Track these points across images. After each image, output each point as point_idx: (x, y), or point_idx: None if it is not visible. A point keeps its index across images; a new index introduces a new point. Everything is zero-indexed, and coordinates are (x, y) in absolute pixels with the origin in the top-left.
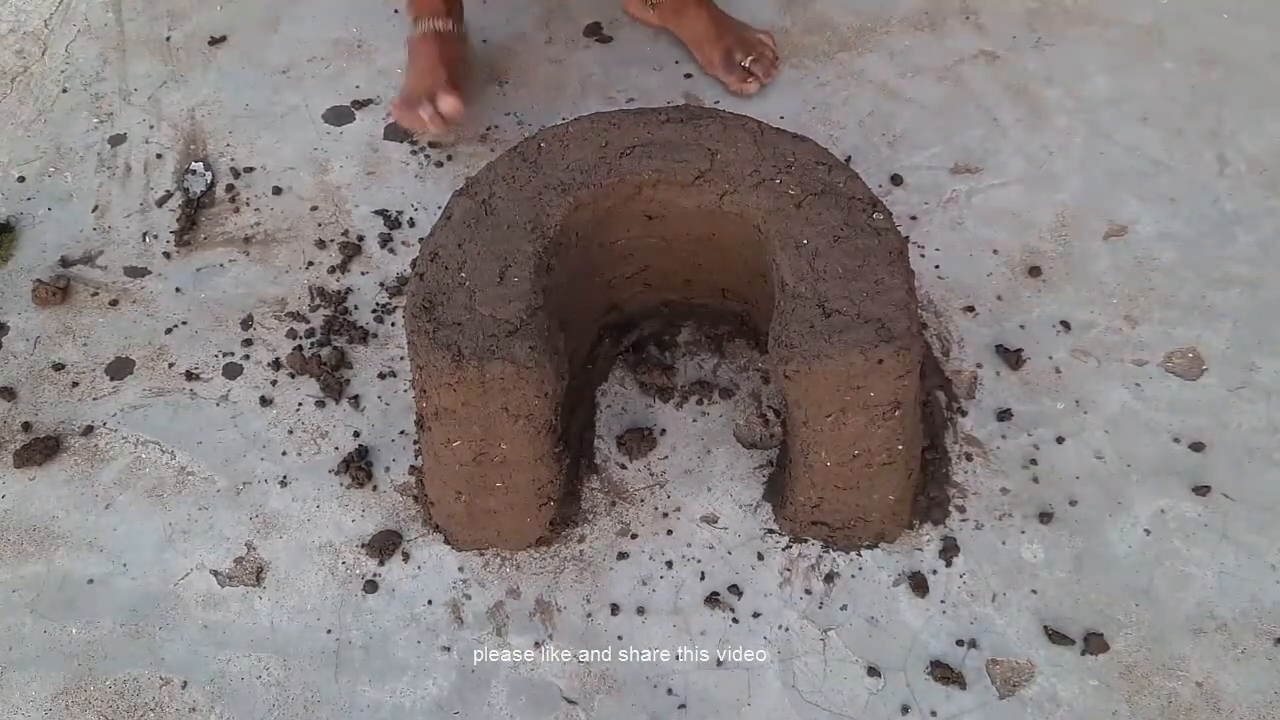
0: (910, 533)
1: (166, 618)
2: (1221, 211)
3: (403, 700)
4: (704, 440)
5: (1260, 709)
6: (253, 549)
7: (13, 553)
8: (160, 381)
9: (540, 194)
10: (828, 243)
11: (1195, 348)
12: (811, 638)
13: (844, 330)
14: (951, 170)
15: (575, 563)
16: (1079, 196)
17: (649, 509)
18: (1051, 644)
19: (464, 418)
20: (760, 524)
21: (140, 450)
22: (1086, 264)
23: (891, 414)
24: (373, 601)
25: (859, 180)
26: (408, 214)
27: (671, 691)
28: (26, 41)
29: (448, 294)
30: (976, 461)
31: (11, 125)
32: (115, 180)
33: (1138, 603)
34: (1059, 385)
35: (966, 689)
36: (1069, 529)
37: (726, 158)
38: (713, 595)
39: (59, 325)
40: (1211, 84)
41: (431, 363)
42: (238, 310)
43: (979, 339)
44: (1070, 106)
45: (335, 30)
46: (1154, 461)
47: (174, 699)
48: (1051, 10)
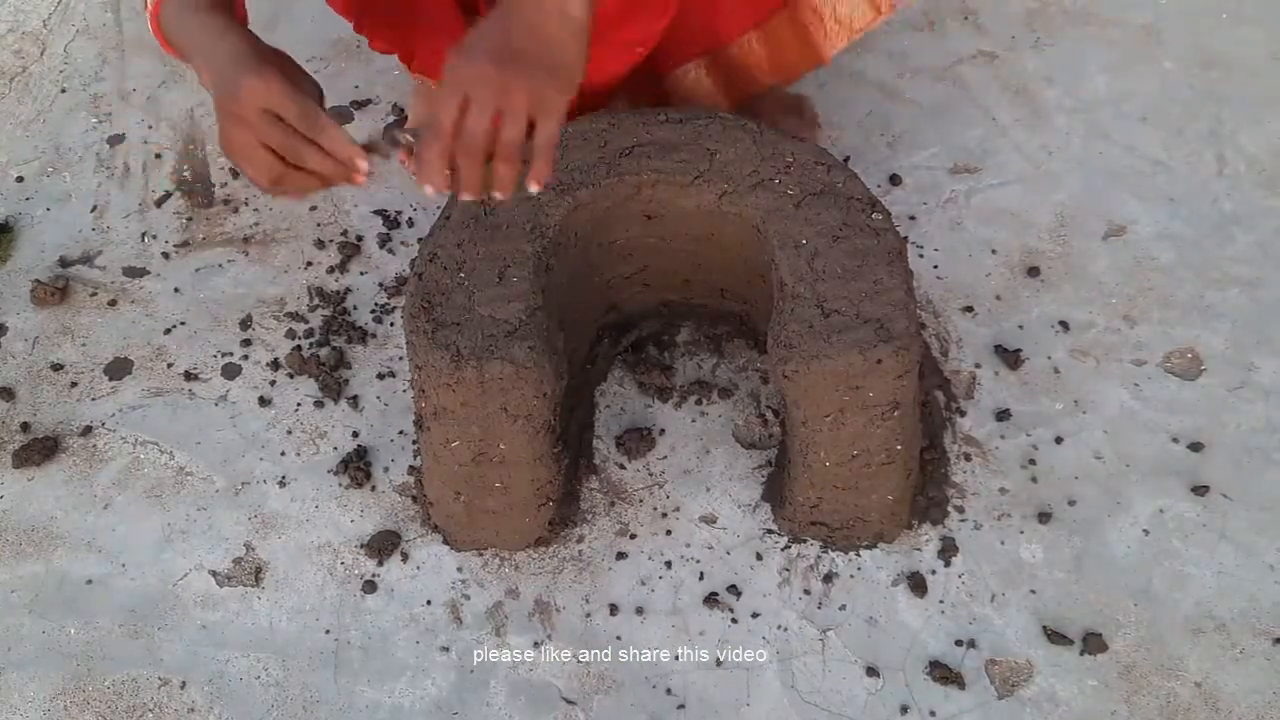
0: (909, 533)
1: (165, 618)
2: (1221, 211)
3: (402, 700)
4: (703, 440)
5: (1259, 709)
6: (251, 549)
7: (11, 553)
8: (159, 382)
9: (539, 194)
10: (827, 243)
11: (1194, 348)
12: (810, 638)
13: (843, 330)
14: (950, 170)
15: (574, 563)
16: (1078, 196)
17: (648, 509)
18: (1050, 644)
19: (463, 418)
20: (759, 524)
21: (139, 450)
22: (1085, 264)
23: (890, 414)
24: (371, 602)
25: (858, 180)
26: (407, 214)
27: (670, 691)
28: (25, 41)
29: (447, 294)
30: (975, 461)
31: (10, 125)
32: (114, 180)
33: (1136, 603)
34: (1058, 385)
35: (965, 689)
36: (1068, 529)
37: (726, 158)
38: (712, 595)
39: (58, 325)
40: (1211, 84)
41: (430, 363)
42: (236, 310)
43: (978, 339)
44: (1069, 106)
45: (334, 30)
46: (1153, 461)
47: (173, 699)
48: (1051, 10)
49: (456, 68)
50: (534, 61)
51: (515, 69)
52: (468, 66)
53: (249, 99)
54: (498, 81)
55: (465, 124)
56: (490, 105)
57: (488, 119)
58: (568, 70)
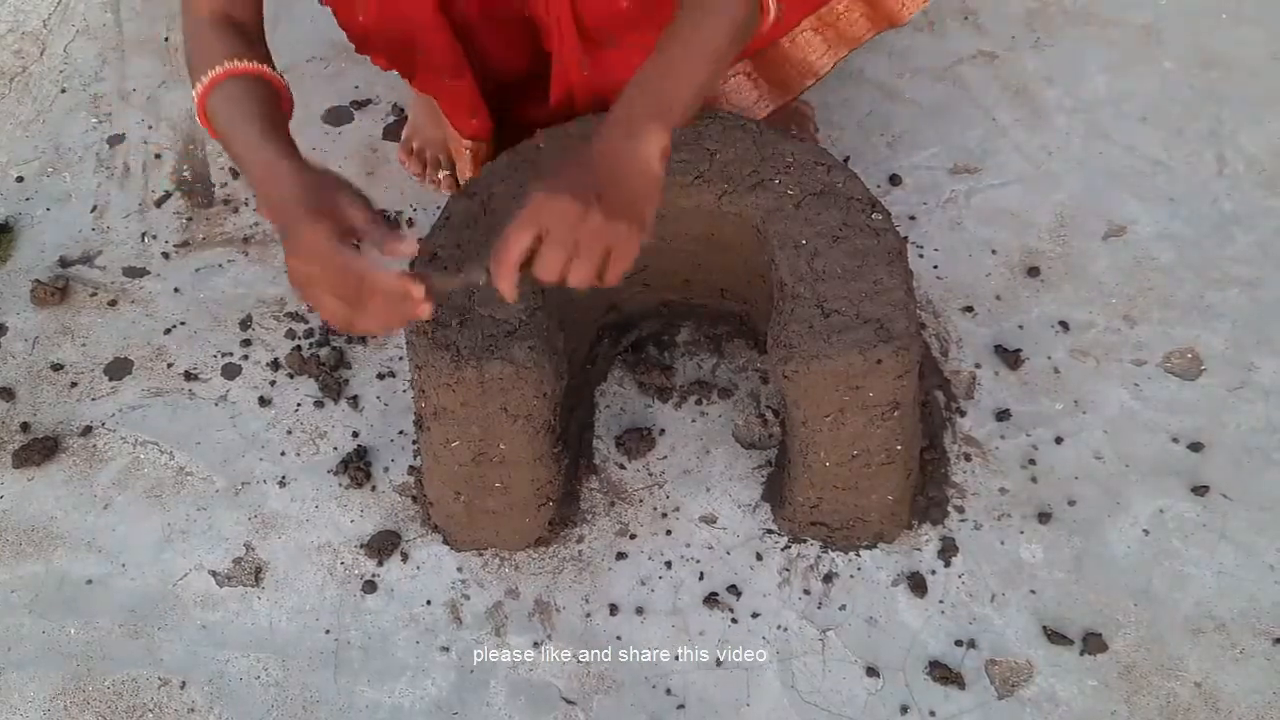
0: (909, 533)
1: (165, 618)
2: (1220, 211)
3: (401, 700)
4: (703, 440)
5: (1259, 709)
6: (251, 549)
7: (11, 553)
8: (159, 382)
9: None
10: (826, 243)
11: (1194, 348)
12: (810, 638)
13: (843, 330)
14: (950, 170)
15: (574, 563)
16: (1078, 196)
17: (648, 509)
18: (1050, 644)
19: (463, 418)
20: (759, 524)
21: (139, 450)
22: (1085, 264)
23: (890, 414)
24: (371, 602)
25: (858, 180)
26: (407, 214)
27: (670, 692)
28: (25, 42)
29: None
30: (975, 462)
31: (10, 125)
32: (114, 180)
33: (1136, 603)
34: (1058, 385)
35: (965, 689)
36: (1068, 529)
37: (725, 157)
38: (711, 595)
39: (58, 325)
40: (1211, 84)
41: (430, 363)
42: (236, 310)
43: (978, 339)
44: (1069, 106)
45: (334, 30)
46: (1153, 461)
47: (173, 699)
48: (1051, 10)
49: (539, 203)
50: (612, 210)
51: (595, 214)
52: (550, 202)
53: (308, 251)
54: (577, 224)
55: (543, 256)
56: (568, 244)
57: (564, 256)
58: (642, 220)
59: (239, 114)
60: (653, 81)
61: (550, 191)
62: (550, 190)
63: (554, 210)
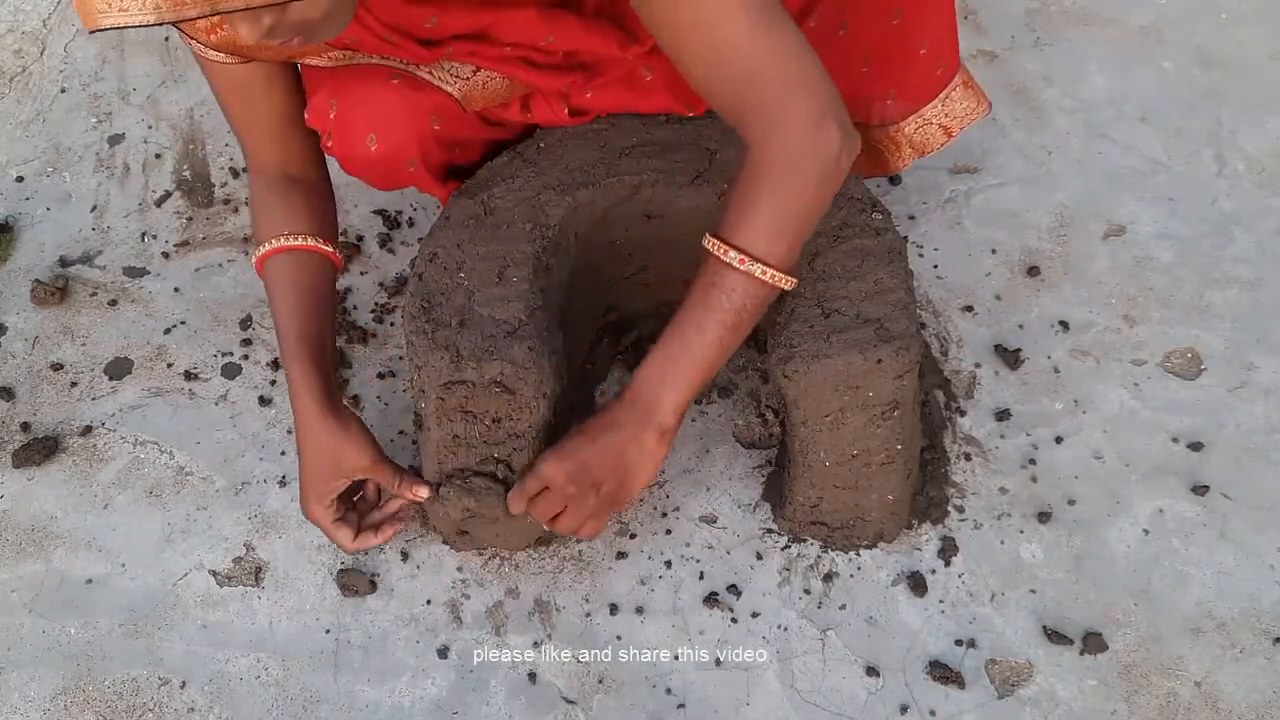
0: (909, 532)
1: (165, 618)
2: (1220, 211)
3: (401, 700)
4: (703, 440)
5: (1259, 708)
6: (251, 549)
7: (11, 552)
8: (159, 381)
9: (539, 194)
10: (827, 243)
11: (1194, 347)
12: (810, 637)
13: (843, 330)
14: (950, 170)
15: (574, 562)
16: (1077, 196)
17: (648, 509)
18: (1050, 644)
19: (463, 418)
20: (759, 524)
21: (139, 450)
22: (1085, 264)
23: (890, 414)
24: (371, 601)
25: (858, 180)
26: (407, 214)
27: (670, 691)
28: (25, 41)
29: (446, 294)
30: (975, 461)
31: (10, 125)
32: (114, 180)
33: (1136, 602)
34: (1057, 385)
35: (965, 689)
36: (1067, 529)
37: (725, 157)
38: (711, 595)
39: (58, 325)
40: (1210, 84)
41: (430, 363)
42: (236, 310)
43: (977, 339)
44: (1069, 106)
45: None
46: (1152, 461)
47: (173, 699)
48: (1050, 10)
49: (547, 468)
50: (607, 479)
51: (590, 498)
52: (555, 467)
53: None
54: (571, 490)
55: (538, 505)
56: (563, 502)
57: (556, 510)
58: (632, 490)
59: (284, 307)
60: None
61: (557, 457)
62: (558, 456)
63: (556, 475)
